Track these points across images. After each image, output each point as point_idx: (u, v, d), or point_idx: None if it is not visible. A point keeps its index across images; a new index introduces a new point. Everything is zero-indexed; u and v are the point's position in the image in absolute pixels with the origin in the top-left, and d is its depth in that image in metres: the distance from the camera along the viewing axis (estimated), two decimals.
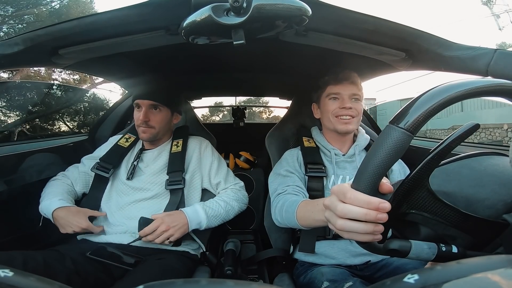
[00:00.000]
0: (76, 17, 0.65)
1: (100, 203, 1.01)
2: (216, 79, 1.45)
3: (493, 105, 8.02)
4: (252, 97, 10.19)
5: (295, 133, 1.15)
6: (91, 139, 1.44)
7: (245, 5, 0.50)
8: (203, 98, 2.01)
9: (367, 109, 3.16)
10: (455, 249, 0.39)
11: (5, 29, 8.05)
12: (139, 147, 1.09)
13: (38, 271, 0.71)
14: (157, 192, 1.00)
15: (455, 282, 0.22)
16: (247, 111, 2.26)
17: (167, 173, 1.02)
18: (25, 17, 8.23)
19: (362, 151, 0.98)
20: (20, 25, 8.18)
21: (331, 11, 0.61)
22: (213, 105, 7.87)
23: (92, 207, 0.98)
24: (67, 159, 1.13)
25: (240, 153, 1.78)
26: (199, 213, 0.94)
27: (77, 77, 9.94)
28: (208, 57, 1.06)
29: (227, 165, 1.17)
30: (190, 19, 0.54)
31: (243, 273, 1.01)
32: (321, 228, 0.87)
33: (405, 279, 0.24)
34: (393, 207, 0.37)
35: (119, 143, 1.09)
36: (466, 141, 0.41)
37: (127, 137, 1.12)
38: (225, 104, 7.83)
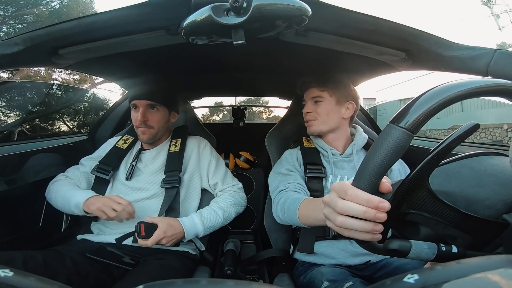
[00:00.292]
0: (76, 17, 0.65)
1: None
2: (216, 79, 1.45)
3: (493, 105, 8.01)
4: (252, 97, 10.18)
5: (295, 133, 1.15)
6: (91, 139, 1.44)
7: (245, 5, 0.50)
8: (203, 98, 2.00)
9: (367, 109, 3.16)
10: (455, 249, 0.39)
11: (5, 29, 8.06)
12: (137, 147, 1.09)
13: (38, 271, 0.71)
14: (155, 191, 1.01)
15: (455, 282, 0.22)
16: (247, 111, 2.25)
17: (164, 173, 1.02)
18: (25, 17, 8.24)
19: (360, 150, 0.98)
20: (20, 25, 8.19)
21: (331, 11, 0.61)
22: (213, 105, 7.88)
23: None
24: (67, 159, 1.13)
25: (240, 153, 1.78)
26: (197, 225, 0.94)
27: (77, 77, 9.94)
28: (208, 57, 1.06)
29: (227, 165, 1.17)
30: (190, 19, 0.54)
31: (243, 273, 1.01)
32: (321, 228, 0.87)
33: (405, 279, 0.24)
34: (393, 207, 0.37)
35: (117, 145, 1.09)
36: (466, 141, 0.41)
37: (125, 138, 1.12)
38: (225, 104, 7.84)
